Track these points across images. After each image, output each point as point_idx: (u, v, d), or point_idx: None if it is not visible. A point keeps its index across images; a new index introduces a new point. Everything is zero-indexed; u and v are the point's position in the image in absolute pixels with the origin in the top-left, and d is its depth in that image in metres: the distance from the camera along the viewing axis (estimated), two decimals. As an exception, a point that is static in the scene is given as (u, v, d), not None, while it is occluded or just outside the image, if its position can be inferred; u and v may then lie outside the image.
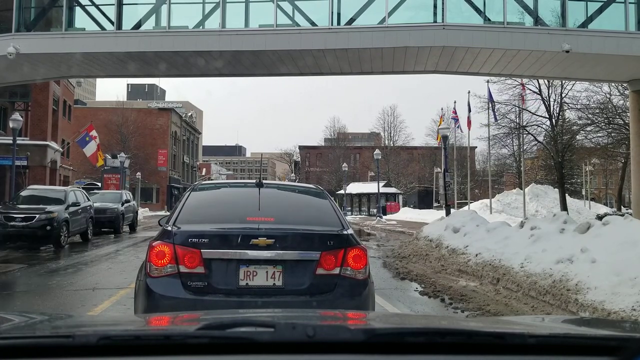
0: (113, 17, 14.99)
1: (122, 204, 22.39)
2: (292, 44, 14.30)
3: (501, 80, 24.30)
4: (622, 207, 32.89)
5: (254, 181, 4.91)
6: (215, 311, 3.50)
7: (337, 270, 4.02)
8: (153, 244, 4.04)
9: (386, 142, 70.71)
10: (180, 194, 77.83)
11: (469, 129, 33.25)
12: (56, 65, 16.75)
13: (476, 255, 9.67)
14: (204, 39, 14.67)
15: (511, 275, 8.06)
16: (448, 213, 21.72)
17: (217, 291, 3.91)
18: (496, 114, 24.97)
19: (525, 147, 55.86)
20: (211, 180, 74.90)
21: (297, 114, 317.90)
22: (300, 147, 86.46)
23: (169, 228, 4.14)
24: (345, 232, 4.26)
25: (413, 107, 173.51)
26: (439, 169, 53.86)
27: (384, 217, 34.38)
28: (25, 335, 1.65)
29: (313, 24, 14.43)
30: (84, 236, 17.48)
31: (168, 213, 6.95)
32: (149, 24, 15.20)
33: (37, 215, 14.51)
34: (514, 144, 57.86)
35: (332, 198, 5.21)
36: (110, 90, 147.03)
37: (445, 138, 21.70)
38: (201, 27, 14.95)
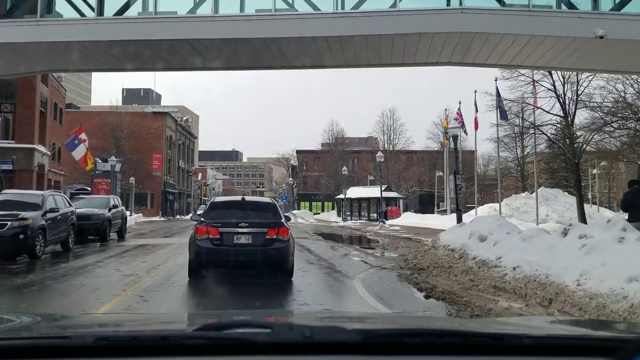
0: (94, 3, 13.50)
1: (109, 210, 20.85)
2: (293, 30, 12.82)
3: (513, 76, 22.92)
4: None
5: (240, 197, 11.35)
6: (214, 312, 4.53)
7: (275, 236, 9.01)
8: (198, 226, 9.21)
9: (385, 145, 69.19)
10: (175, 199, 77.18)
11: (476, 130, 31.78)
12: (26, 58, 15.22)
13: (514, 268, 8.17)
14: (196, 26, 13.15)
15: (567, 295, 6.56)
16: (460, 218, 20.23)
17: (224, 245, 8.91)
18: (507, 113, 23.46)
19: (532, 149, 54.29)
20: (207, 185, 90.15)
21: (294, 118, 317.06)
22: (298, 152, 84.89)
23: (204, 219, 9.32)
24: (280, 221, 9.40)
25: (412, 110, 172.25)
26: (440, 173, 52.44)
27: (386, 222, 32.74)
28: (22, 336, 1.66)
29: (315, 8, 12.96)
30: (65, 245, 15.95)
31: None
32: (134, 10, 13.69)
33: (9, 223, 12.97)
34: (517, 147, 56.46)
35: (277, 204, 11.10)
36: (106, 95, 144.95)
37: (455, 138, 20.26)
38: (192, 14, 13.47)
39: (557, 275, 7.13)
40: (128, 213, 53.04)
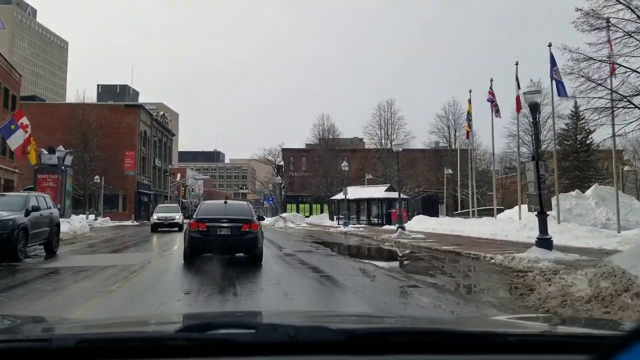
0: None
1: (27, 214, 14.18)
2: None
3: (594, 26, 16.67)
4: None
5: (223, 200, 15.46)
6: (198, 313, 5.15)
7: (247, 229, 12.66)
8: (190, 222, 13.16)
9: (382, 141, 62.76)
10: (150, 201, 69.95)
11: (518, 112, 25.49)
12: None
13: None
14: None
15: None
16: (544, 224, 13.92)
17: (210, 235, 12.58)
18: (596, 79, 17.13)
19: (549, 145, 47.99)
20: (186, 186, 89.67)
21: (279, 118, 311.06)
22: (284, 150, 77.96)
23: (195, 216, 13.22)
24: (252, 218, 13.17)
25: (406, 111, 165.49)
26: (450, 171, 46.23)
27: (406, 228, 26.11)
28: (1, 339, 1.59)
29: None
30: None
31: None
32: None
33: None
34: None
35: (251, 204, 17.83)
36: (81, 92, 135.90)
37: (534, 107, 13.93)
38: None
39: None
40: (92, 217, 46.25)
